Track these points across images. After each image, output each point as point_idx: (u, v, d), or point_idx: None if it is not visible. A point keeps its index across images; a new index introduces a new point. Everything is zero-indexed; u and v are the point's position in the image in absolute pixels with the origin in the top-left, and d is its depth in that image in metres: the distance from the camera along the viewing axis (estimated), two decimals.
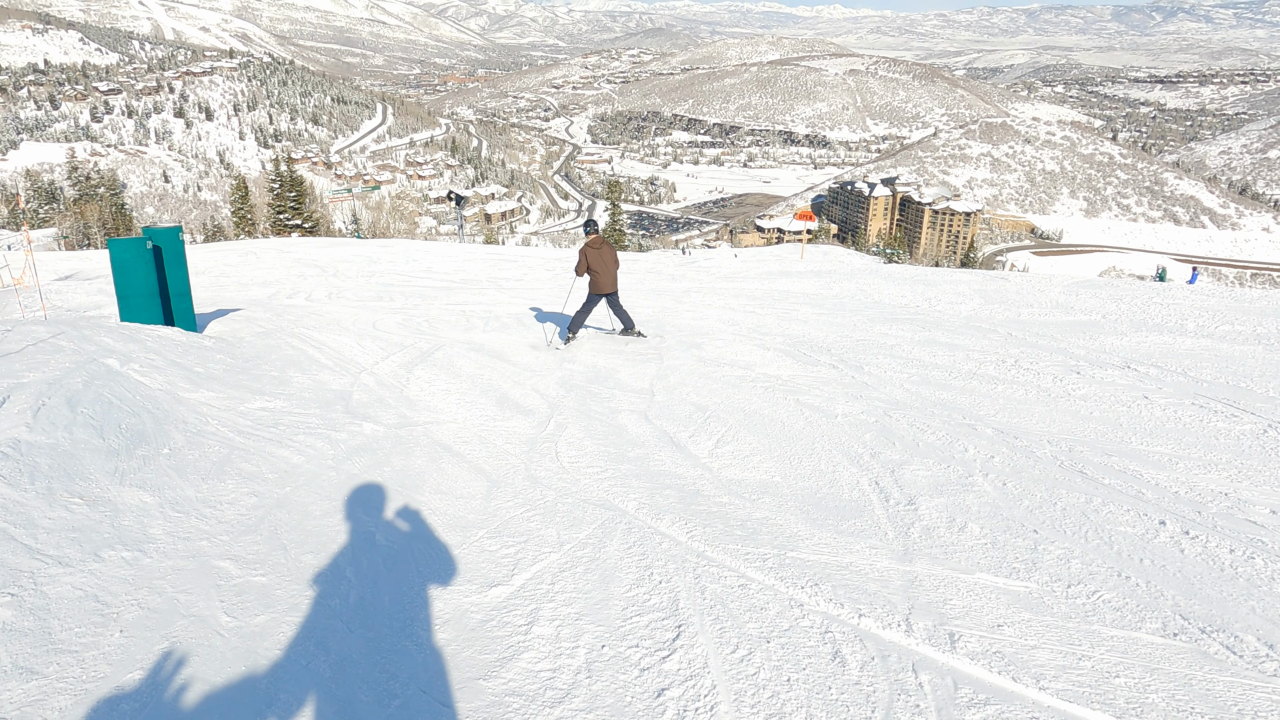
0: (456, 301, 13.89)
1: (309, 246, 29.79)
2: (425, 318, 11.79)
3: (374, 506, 4.20)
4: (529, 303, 13.37)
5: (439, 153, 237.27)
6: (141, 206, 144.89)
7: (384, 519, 4.06)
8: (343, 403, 6.23)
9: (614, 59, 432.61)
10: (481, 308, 13.02)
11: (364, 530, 3.86)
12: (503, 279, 17.36)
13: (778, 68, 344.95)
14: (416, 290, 15.61)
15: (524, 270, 18.98)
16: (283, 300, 14.51)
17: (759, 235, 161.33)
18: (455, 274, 18.98)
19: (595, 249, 9.20)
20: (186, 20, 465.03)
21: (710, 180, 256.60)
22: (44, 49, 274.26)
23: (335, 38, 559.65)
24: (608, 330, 10.34)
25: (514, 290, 15.15)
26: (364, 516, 4.04)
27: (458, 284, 16.78)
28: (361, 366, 7.74)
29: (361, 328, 10.64)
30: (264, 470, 4.54)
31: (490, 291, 15.11)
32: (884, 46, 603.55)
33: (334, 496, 4.27)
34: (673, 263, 18.32)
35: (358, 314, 12.02)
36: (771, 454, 5.16)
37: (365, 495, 4.34)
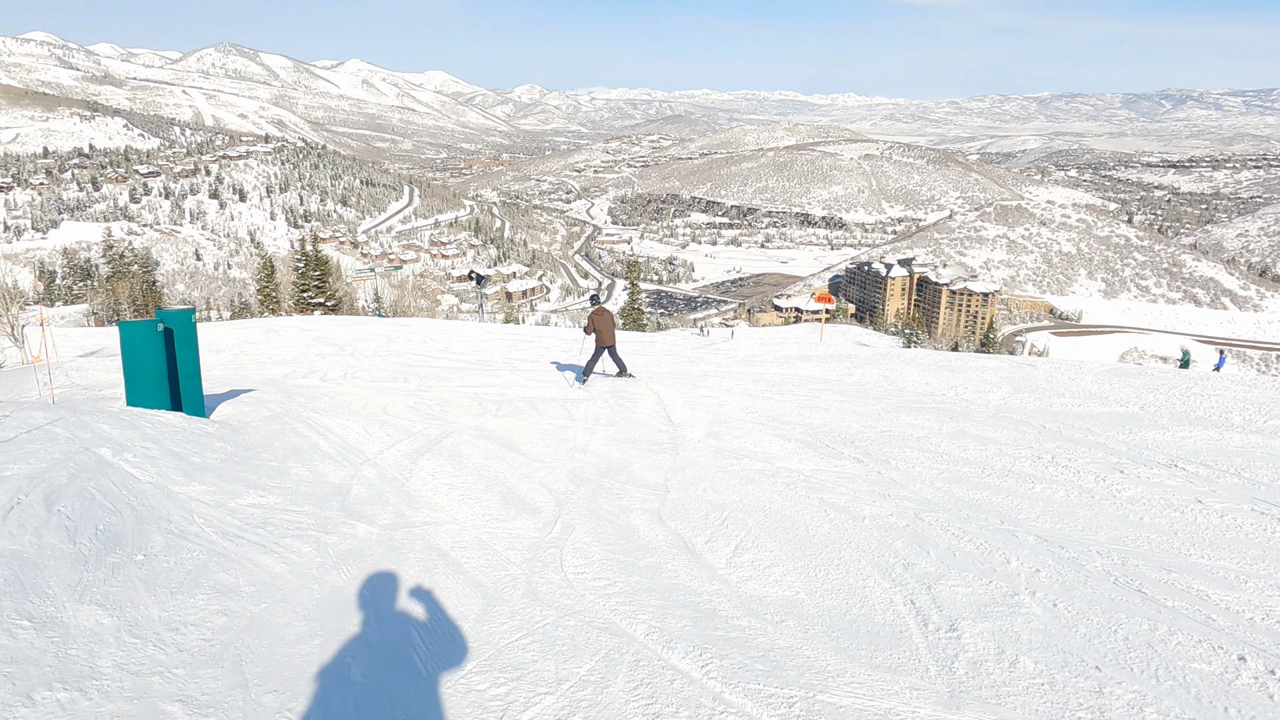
0: (471, 383, 13.65)
1: (330, 325, 29.87)
2: (437, 401, 11.52)
3: (354, 630, 3.80)
4: (543, 385, 13.11)
5: (463, 233, 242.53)
6: (173, 284, 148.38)
7: (363, 646, 3.66)
8: (339, 498, 5.90)
9: (634, 144, 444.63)
10: (495, 390, 12.76)
11: (339, 662, 3.46)
12: (519, 360, 17.17)
13: (794, 152, 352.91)
14: (432, 371, 15.42)
15: (540, 351, 18.80)
16: (297, 380, 14.29)
17: (776, 315, 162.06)
18: (472, 354, 18.83)
19: (599, 315, 13.13)
20: (226, 108, 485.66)
21: (728, 260, 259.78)
22: (90, 134, 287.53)
23: (367, 124, 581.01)
24: (613, 374, 13.66)
25: (529, 372, 14.91)
26: (341, 644, 3.64)
27: (473, 365, 16.59)
28: (365, 456, 7.43)
29: (371, 411, 10.38)
30: (241, 582, 4.18)
31: (505, 373, 14.88)
32: (898, 133, 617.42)
33: (312, 616, 3.89)
34: (690, 344, 18.09)
35: (370, 396, 11.78)
36: (795, 564, 4.74)
37: (347, 615, 3.95)
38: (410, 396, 12.04)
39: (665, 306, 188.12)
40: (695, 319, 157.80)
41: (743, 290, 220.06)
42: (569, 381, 13.42)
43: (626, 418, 10.03)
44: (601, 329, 13.00)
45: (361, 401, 11.41)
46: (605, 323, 13.03)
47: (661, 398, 11.37)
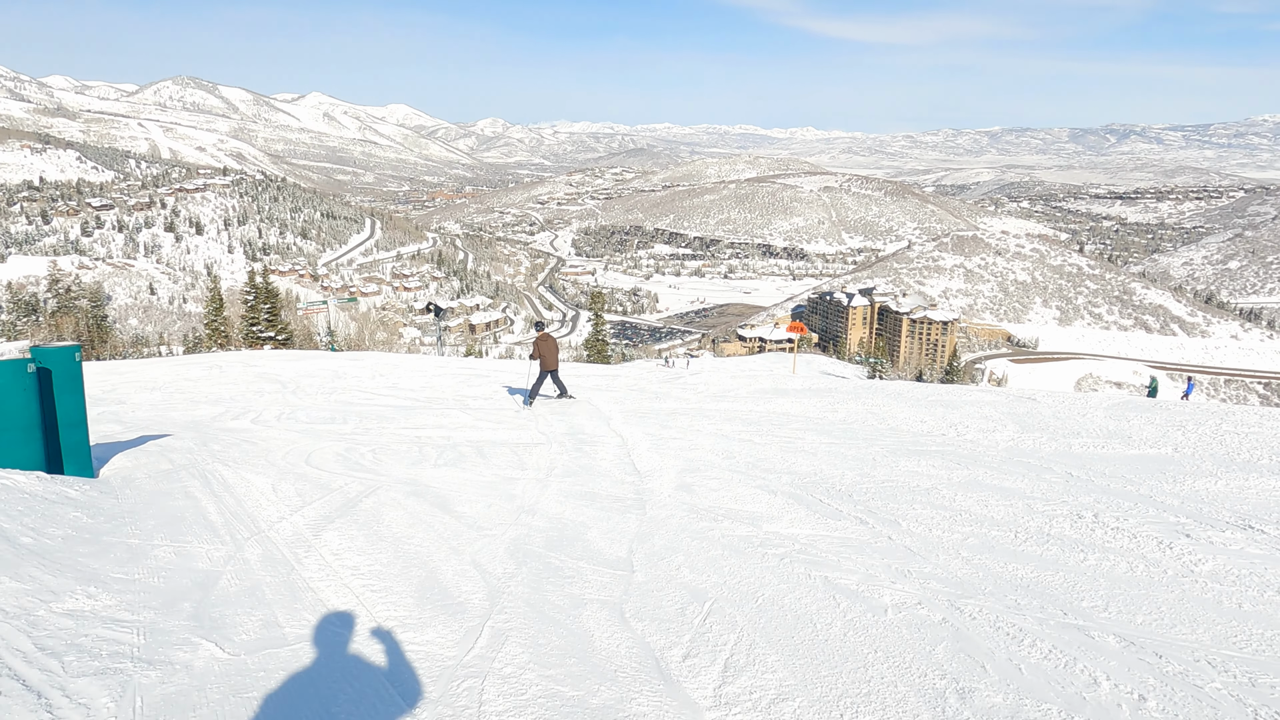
0: (414, 425, 12.26)
1: (276, 360, 28.09)
2: (373, 446, 10.12)
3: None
4: (494, 426, 11.73)
5: (425, 265, 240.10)
6: (126, 318, 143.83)
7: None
8: (197, 596, 4.46)
9: (598, 176, 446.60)
10: (440, 433, 11.38)
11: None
12: (471, 397, 15.73)
13: (755, 185, 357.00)
14: (375, 411, 13.99)
15: (495, 386, 17.37)
16: (226, 422, 12.85)
17: (741, 344, 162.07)
18: (422, 391, 17.36)
19: (543, 340, 13.83)
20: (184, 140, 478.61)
21: (692, 291, 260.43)
22: (41, 167, 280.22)
23: (328, 157, 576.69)
24: (554, 396, 14.24)
25: (480, 411, 13.53)
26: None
27: (421, 403, 15.15)
28: (256, 527, 5.98)
29: (291, 462, 8.94)
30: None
31: (454, 413, 13.49)
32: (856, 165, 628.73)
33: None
34: (656, 377, 16.85)
35: (297, 442, 10.36)
36: (809, 694, 3.43)
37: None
38: (343, 441, 10.65)
39: (630, 337, 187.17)
40: (660, 349, 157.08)
41: (707, 320, 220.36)
42: (522, 421, 12.07)
43: (585, 466, 8.69)
44: (545, 354, 13.73)
45: (284, 449, 9.98)
46: (549, 348, 13.74)
47: (625, 440, 10.05)
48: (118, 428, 13.70)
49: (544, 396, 14.51)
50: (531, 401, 13.71)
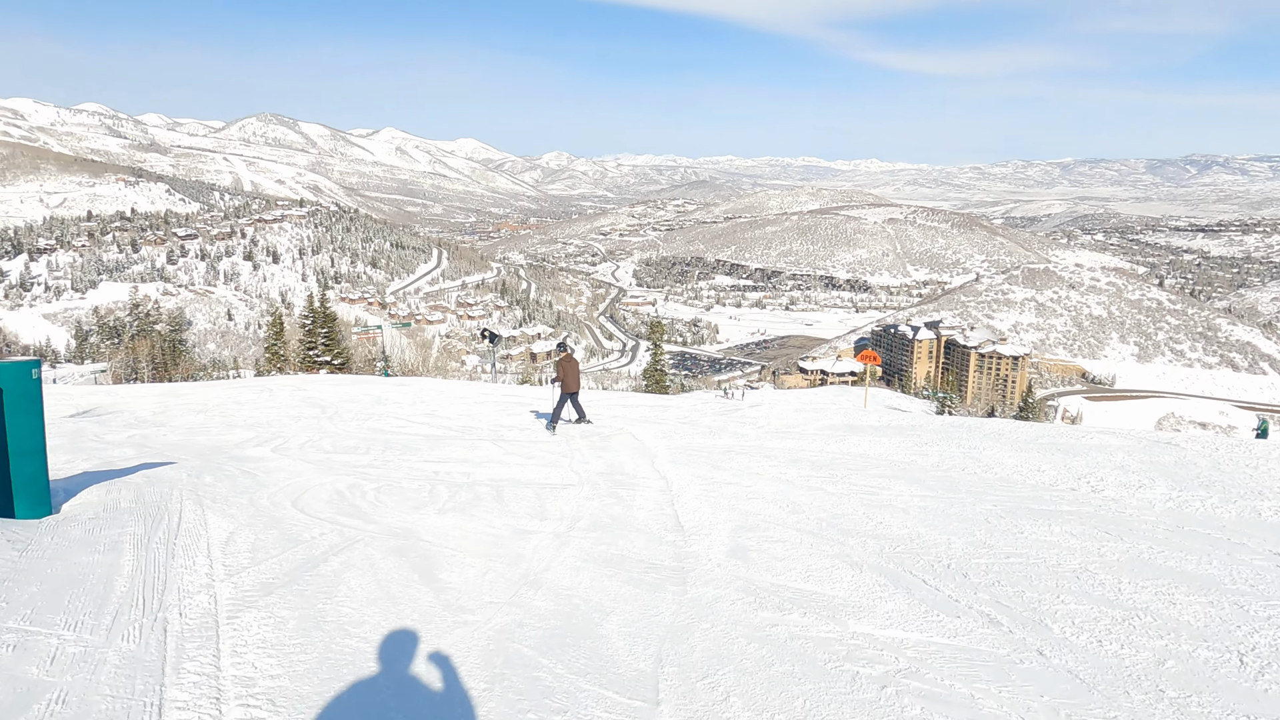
0: (437, 458, 10.90)
1: (325, 384, 27.42)
2: (381, 483, 8.73)
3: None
4: (523, 462, 10.21)
5: (489, 294, 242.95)
6: (205, 343, 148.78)
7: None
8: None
9: (659, 208, 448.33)
10: (462, 468, 9.94)
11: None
12: (507, 427, 14.32)
13: (818, 216, 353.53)
14: (402, 440, 12.79)
15: (535, 418, 15.89)
16: (247, 449, 11.88)
17: (802, 377, 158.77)
18: (458, 419, 16.07)
19: (565, 363, 13.47)
20: (265, 174, 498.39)
21: (752, 323, 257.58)
22: (133, 199, 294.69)
23: (399, 189, 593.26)
24: (572, 420, 13.71)
25: (513, 444, 12.06)
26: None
27: (455, 433, 13.85)
28: (163, 601, 4.49)
29: (276, 502, 7.60)
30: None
31: (485, 444, 12.06)
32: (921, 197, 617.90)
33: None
34: (712, 409, 15.16)
35: (301, 475, 9.14)
36: None
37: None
38: (352, 475, 9.32)
39: (690, 368, 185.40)
40: (720, 381, 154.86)
41: (767, 352, 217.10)
42: (554, 457, 10.52)
43: (618, 517, 7.04)
44: (567, 376, 13.42)
45: (283, 484, 8.70)
46: (571, 370, 13.43)
47: (670, 485, 8.37)
48: (131, 452, 12.67)
49: (565, 421, 13.98)
50: (554, 427, 13.30)
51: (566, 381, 13.42)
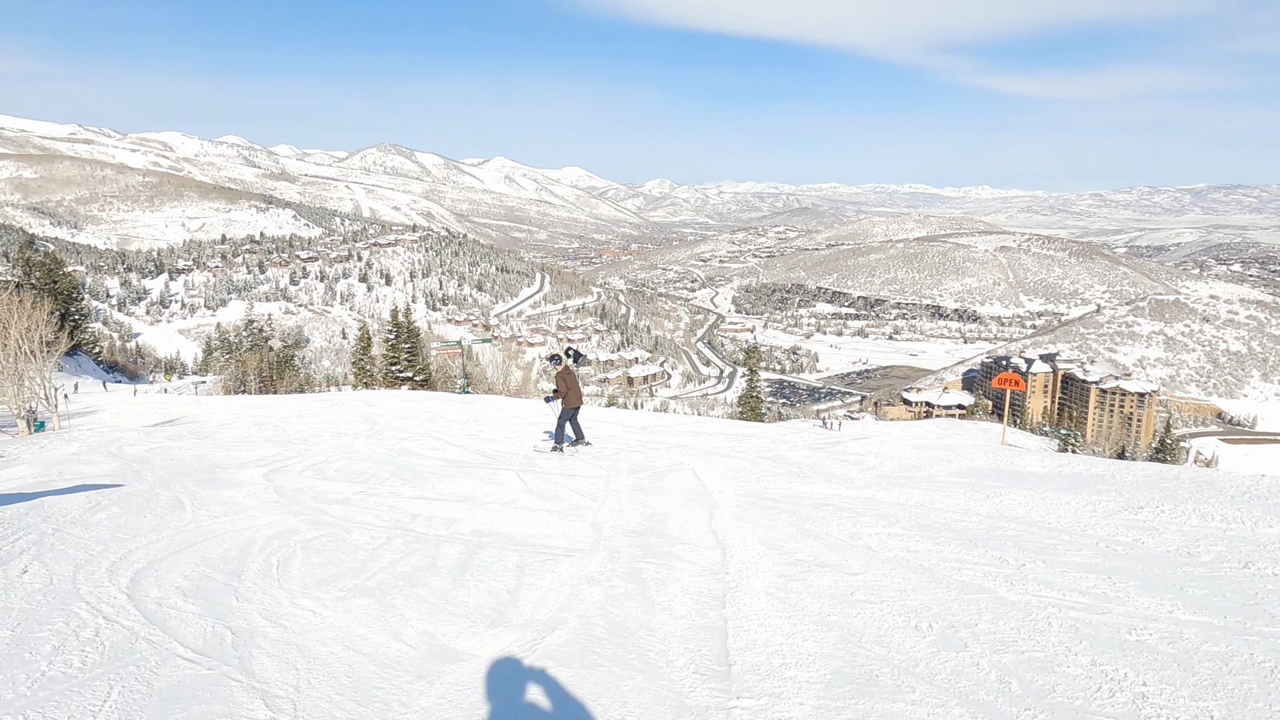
0: (436, 494, 8.61)
1: (393, 400, 26.14)
2: (326, 531, 6.56)
3: None
4: (538, 502, 7.58)
5: (589, 318, 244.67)
6: (320, 359, 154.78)
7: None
8: None
9: (760, 235, 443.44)
10: (454, 511, 7.54)
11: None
12: (547, 455, 11.78)
13: (925, 244, 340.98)
14: (418, 467, 10.75)
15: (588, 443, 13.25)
16: (233, 473, 10.47)
17: (906, 408, 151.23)
18: (500, 443, 13.84)
19: (566, 375, 11.98)
20: (382, 201, 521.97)
21: (854, 352, 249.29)
22: (263, 224, 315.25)
23: (506, 215, 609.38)
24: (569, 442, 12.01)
25: (543, 476, 9.45)
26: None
27: (484, 459, 11.59)
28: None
29: (185, 560, 5.13)
30: None
31: (507, 477, 9.54)
32: (1036, 225, 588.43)
33: None
34: (804, 440, 12.08)
35: (240, 515, 7.28)
36: None
37: None
38: (306, 517, 7.35)
39: (788, 396, 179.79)
40: (818, 410, 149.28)
41: (869, 382, 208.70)
42: (580, 499, 7.73)
43: (622, 627, 4.16)
44: (569, 390, 11.99)
45: (190, 530, 6.25)
46: (572, 383, 12.04)
47: (729, 561, 5.43)
48: (108, 467, 10.83)
49: (570, 442, 12.28)
50: (562, 447, 12.01)
51: (568, 396, 11.95)
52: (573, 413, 12.08)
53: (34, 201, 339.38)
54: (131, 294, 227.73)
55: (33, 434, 20.49)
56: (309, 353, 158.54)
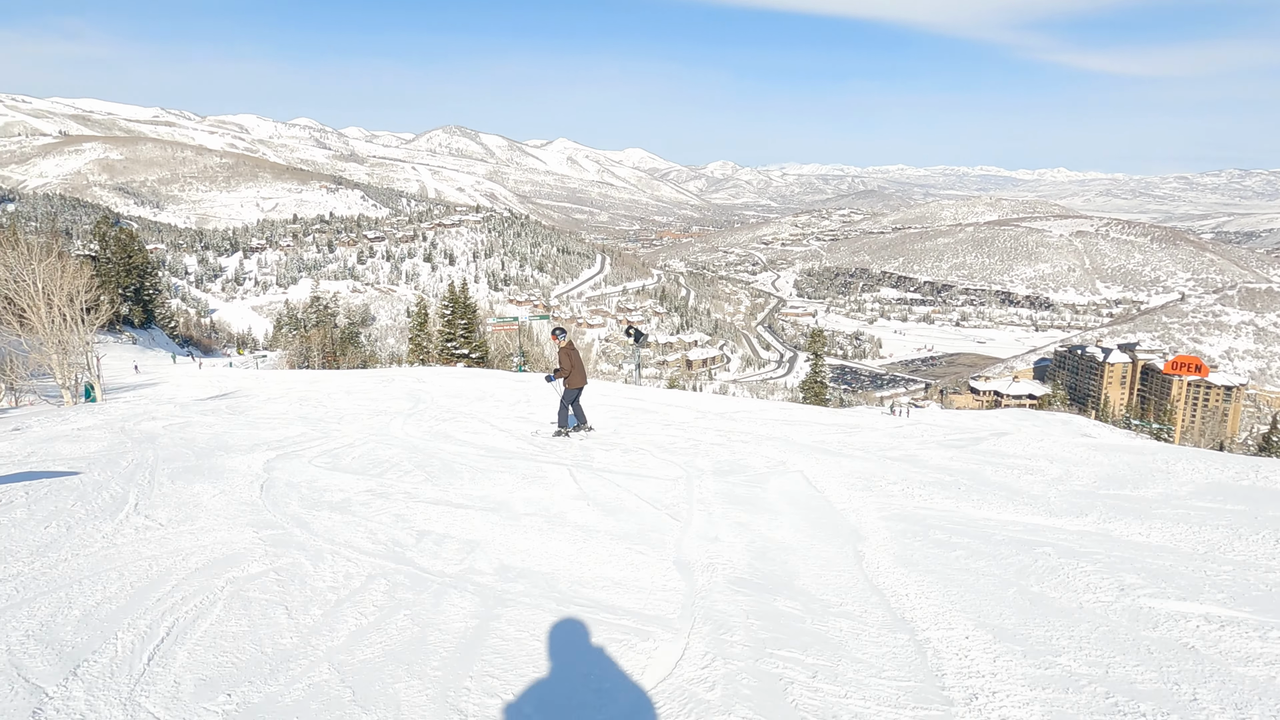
0: (462, 498, 6.60)
1: (446, 377, 24.70)
2: (281, 565, 4.10)
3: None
4: (601, 517, 5.48)
5: (649, 300, 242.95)
6: (385, 337, 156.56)
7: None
8: None
9: (824, 218, 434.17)
10: (476, 531, 5.56)
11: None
12: (608, 447, 9.59)
13: (996, 228, 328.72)
14: (451, 457, 8.91)
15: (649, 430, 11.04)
16: (235, 460, 8.82)
17: (973, 397, 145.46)
18: (553, 428, 11.85)
19: (567, 353, 10.75)
20: (448, 182, 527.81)
21: (919, 338, 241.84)
22: (332, 204, 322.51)
23: (568, 197, 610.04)
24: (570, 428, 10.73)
25: (605, 475, 7.29)
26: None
27: (536, 448, 9.60)
28: None
29: (24, 618, 2.97)
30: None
31: (557, 475, 7.41)
32: (1115, 209, 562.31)
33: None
34: (930, 438, 9.62)
35: (229, 527, 5.12)
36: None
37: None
38: (269, 546, 5.04)
39: (849, 382, 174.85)
40: (881, 396, 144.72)
41: (934, 370, 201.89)
42: (654, 521, 5.49)
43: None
44: (573, 369, 10.66)
45: (93, 568, 4.14)
46: (578, 361, 10.78)
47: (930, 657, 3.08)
48: (96, 448, 9.17)
49: (574, 428, 11.03)
50: (566, 431, 10.78)
51: (572, 375, 10.64)
52: (576, 394, 10.86)
53: (120, 182, 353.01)
54: (208, 271, 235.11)
55: (83, 403, 19.68)
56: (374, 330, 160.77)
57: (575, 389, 10.75)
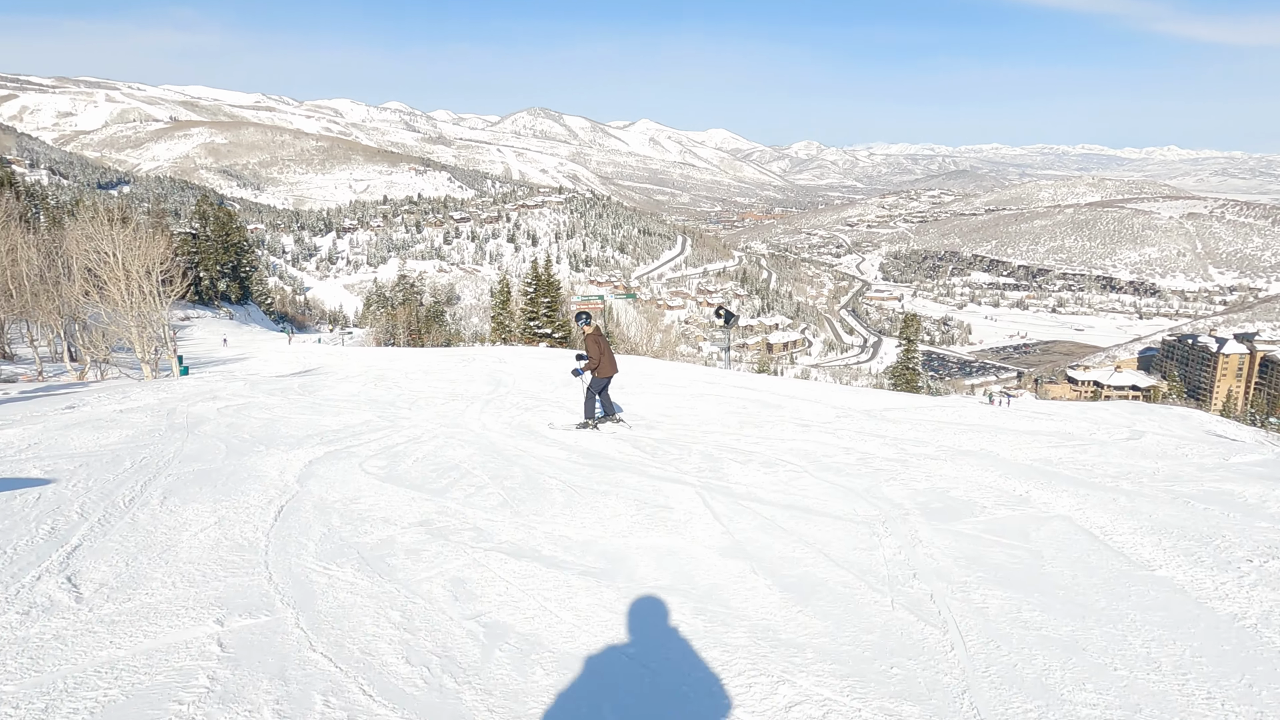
0: (573, 539, 4.48)
1: (528, 358, 23.47)
2: (241, 656, 2.28)
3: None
4: (804, 607, 3.05)
5: (729, 282, 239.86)
6: (470, 316, 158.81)
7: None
8: None
9: (913, 199, 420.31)
10: (614, 622, 3.02)
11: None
12: (732, 454, 7.31)
13: (1098, 210, 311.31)
14: (550, 464, 7.02)
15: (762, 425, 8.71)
16: (304, 453, 7.52)
17: (1070, 387, 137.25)
18: (658, 424, 9.84)
19: (594, 339, 9.59)
20: (531, 164, 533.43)
21: (1011, 324, 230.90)
22: (420, 186, 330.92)
23: (649, 178, 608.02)
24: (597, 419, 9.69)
25: (759, 508, 4.98)
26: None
27: (644, 453, 7.67)
28: None
29: None
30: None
31: (689, 509, 5.13)
32: (1232, 190, 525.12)
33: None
34: (1114, 444, 7.16)
35: (179, 616, 2.69)
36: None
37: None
38: (225, 650, 2.53)
39: (936, 369, 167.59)
40: (971, 385, 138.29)
41: (1027, 358, 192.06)
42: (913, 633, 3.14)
43: None
44: (602, 357, 9.54)
45: None
46: (606, 349, 9.60)
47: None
48: (115, 438, 7.87)
49: (604, 418, 9.85)
50: (592, 423, 9.51)
51: (603, 364, 9.62)
52: (605, 383, 9.80)
53: (224, 165, 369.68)
54: (304, 250, 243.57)
55: (161, 377, 19.35)
56: (459, 310, 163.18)
57: (605, 378, 9.78)
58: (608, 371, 9.67)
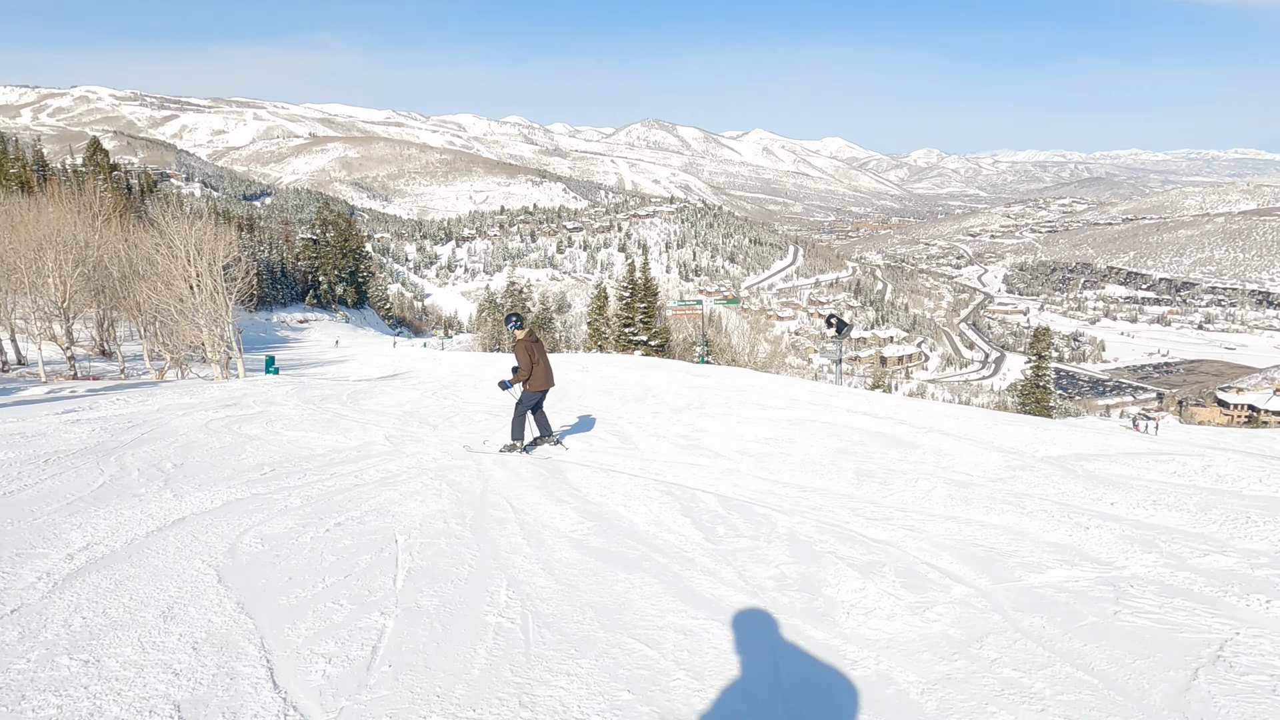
0: None
1: (612, 367, 22.54)
2: None
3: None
4: None
5: (842, 294, 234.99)
6: (580, 324, 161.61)
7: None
8: None
9: (1041, 208, 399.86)
10: None
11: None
12: (860, 507, 6.61)
13: (1254, 218, 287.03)
14: (606, 519, 5.95)
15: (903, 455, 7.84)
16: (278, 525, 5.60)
17: (1220, 410, 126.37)
18: (737, 458, 8.78)
19: (525, 345, 8.43)
20: (644, 174, 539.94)
21: (1150, 341, 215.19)
22: (536, 196, 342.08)
23: (762, 188, 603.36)
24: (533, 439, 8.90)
25: (787, 607, 4.30)
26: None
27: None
28: None
29: None
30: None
31: (713, 624, 4.50)
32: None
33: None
34: None
35: None
36: None
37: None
38: None
39: (1065, 388, 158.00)
40: (1105, 405, 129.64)
41: (1169, 378, 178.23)
42: None
43: None
44: (536, 366, 8.36)
45: None
46: (541, 357, 8.47)
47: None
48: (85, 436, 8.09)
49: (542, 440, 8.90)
50: (520, 445, 8.51)
51: (535, 376, 8.46)
52: (539, 398, 8.66)
53: (356, 177, 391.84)
54: (425, 259, 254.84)
55: (234, 377, 19.52)
56: (570, 317, 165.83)
57: (539, 392, 8.58)
58: (541, 384, 8.52)
